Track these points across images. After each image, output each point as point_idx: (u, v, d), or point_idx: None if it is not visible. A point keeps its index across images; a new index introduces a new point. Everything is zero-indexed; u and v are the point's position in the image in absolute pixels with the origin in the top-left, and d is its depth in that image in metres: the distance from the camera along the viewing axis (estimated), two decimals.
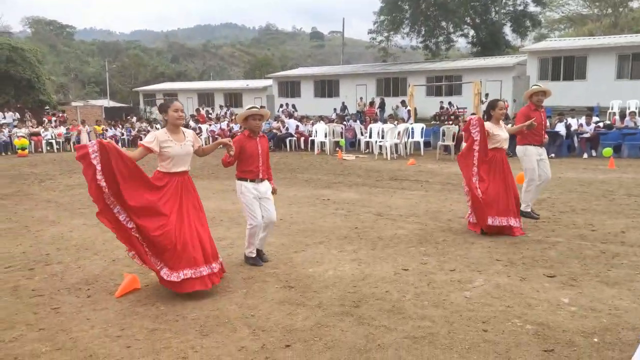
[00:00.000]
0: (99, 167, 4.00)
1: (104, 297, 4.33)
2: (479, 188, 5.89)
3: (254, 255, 5.12)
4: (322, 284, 4.48)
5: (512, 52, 34.72)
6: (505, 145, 6.25)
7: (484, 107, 21.12)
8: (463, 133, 6.91)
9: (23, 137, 19.40)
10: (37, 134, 20.67)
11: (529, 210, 6.89)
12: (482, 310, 3.80)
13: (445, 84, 28.21)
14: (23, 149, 18.54)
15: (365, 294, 4.20)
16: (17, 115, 26.13)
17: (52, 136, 20.95)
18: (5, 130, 20.13)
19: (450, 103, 25.54)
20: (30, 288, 4.61)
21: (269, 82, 37.24)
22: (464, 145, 6.55)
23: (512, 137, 6.77)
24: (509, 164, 6.16)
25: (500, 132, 6.17)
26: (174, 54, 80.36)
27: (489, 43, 37.66)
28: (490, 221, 5.82)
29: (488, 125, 6.14)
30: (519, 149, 6.96)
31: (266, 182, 5.06)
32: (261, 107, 5.12)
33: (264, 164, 5.00)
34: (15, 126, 21.36)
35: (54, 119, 25.41)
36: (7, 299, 4.36)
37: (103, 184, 4.01)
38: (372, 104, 25.13)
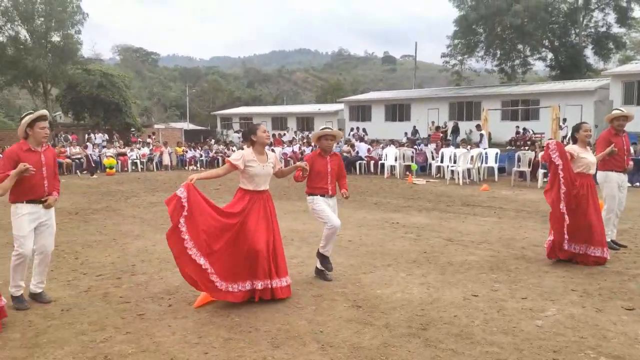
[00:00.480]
0: (183, 220, 4.36)
1: (183, 306, 4.62)
2: (567, 215, 5.69)
3: (328, 255, 5.34)
4: (389, 305, 4.54)
5: (593, 76, 33.26)
6: (592, 171, 6.04)
7: (562, 132, 20.47)
8: (541, 161, 6.70)
9: (111, 156, 20.84)
10: (124, 154, 22.13)
11: (609, 240, 6.59)
12: (554, 339, 3.72)
13: (521, 109, 27.44)
14: (111, 167, 19.90)
15: (433, 318, 4.22)
16: (106, 136, 28.12)
17: (137, 156, 22.36)
18: (96, 150, 21.75)
19: (525, 129, 24.74)
20: (119, 295, 5.00)
21: (340, 106, 37.81)
22: (540, 172, 6.39)
23: None
24: (596, 192, 5.94)
25: (587, 156, 6.00)
26: (249, 79, 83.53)
27: (569, 66, 36.31)
28: (566, 246, 5.66)
29: (575, 148, 6.03)
30: (600, 174, 6.72)
31: (334, 198, 5.37)
32: (339, 128, 5.41)
33: (333, 182, 5.25)
34: (104, 147, 23.03)
35: (148, 140, 27.18)
36: (99, 304, 4.76)
37: (187, 236, 4.37)
38: (438, 128, 24.81)
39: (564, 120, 21.79)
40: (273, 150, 21.36)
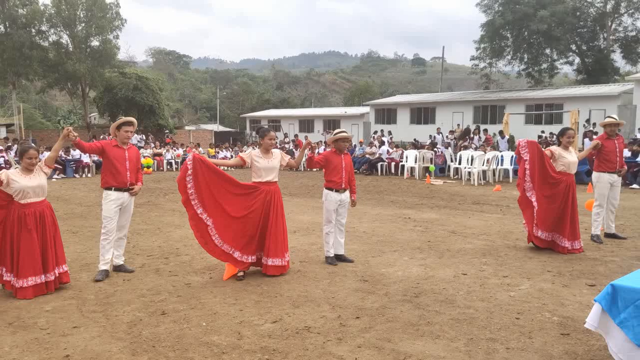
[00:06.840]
0: (190, 178, 5.47)
1: (222, 279, 5.62)
2: (535, 201, 6.55)
3: (331, 255, 6.22)
4: (391, 280, 5.47)
5: (620, 80, 33.37)
6: (573, 170, 6.82)
7: (581, 136, 20.78)
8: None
9: (148, 156, 22.18)
10: (160, 155, 23.49)
11: (597, 233, 7.35)
12: (521, 305, 4.59)
13: (545, 113, 27.86)
14: (148, 167, 21.22)
15: (425, 289, 5.12)
16: (143, 137, 29.61)
17: (171, 157, 23.69)
18: None
19: (551, 133, 25.13)
20: (168, 270, 6.04)
21: (366, 109, 38.67)
22: None
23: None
24: (574, 190, 6.74)
25: (567, 156, 6.79)
26: (278, 81, 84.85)
27: (596, 70, 36.41)
28: (538, 233, 6.48)
29: (557, 149, 6.84)
30: (594, 175, 7.54)
31: (347, 192, 6.22)
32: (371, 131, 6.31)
33: (346, 176, 6.15)
34: (141, 147, 24.43)
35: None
36: (153, 276, 5.80)
37: (192, 190, 5.48)
38: (501, 133, 24.58)
39: (593, 124, 22.10)
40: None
